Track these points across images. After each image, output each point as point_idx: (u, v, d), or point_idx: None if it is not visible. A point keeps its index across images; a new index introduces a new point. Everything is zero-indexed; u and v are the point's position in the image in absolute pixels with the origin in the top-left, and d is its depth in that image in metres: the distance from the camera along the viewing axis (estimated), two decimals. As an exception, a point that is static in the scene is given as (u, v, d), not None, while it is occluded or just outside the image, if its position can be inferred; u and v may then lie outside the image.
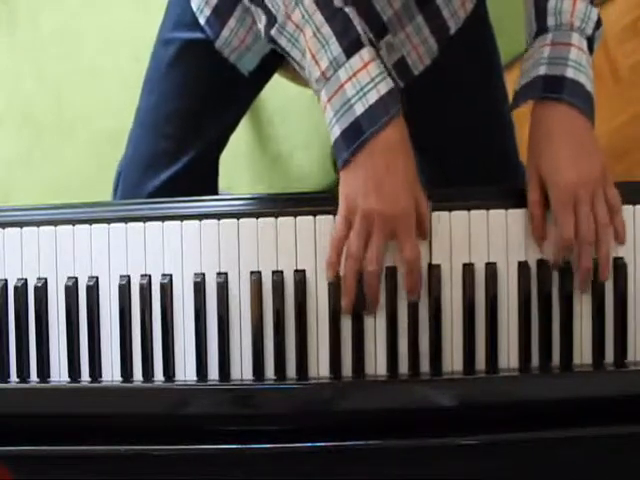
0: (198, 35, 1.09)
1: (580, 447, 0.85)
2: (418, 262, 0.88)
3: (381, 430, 0.85)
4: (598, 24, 0.94)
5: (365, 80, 0.86)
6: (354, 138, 0.87)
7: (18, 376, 0.93)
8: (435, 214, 0.92)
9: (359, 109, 0.86)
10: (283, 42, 0.91)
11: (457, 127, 1.12)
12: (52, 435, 0.85)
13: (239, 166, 1.75)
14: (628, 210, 0.92)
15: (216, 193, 1.17)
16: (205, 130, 1.11)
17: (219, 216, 0.93)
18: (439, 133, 1.14)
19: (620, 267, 0.91)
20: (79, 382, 0.92)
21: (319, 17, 0.88)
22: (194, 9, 1.09)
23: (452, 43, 1.09)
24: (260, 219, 0.92)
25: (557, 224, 0.89)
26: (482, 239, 0.92)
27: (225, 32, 1.07)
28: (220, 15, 1.07)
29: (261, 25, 0.92)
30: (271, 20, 0.91)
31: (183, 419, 0.88)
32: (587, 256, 0.89)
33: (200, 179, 1.12)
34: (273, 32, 0.91)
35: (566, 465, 0.85)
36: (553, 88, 0.91)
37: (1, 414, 0.88)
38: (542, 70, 0.91)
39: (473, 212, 0.92)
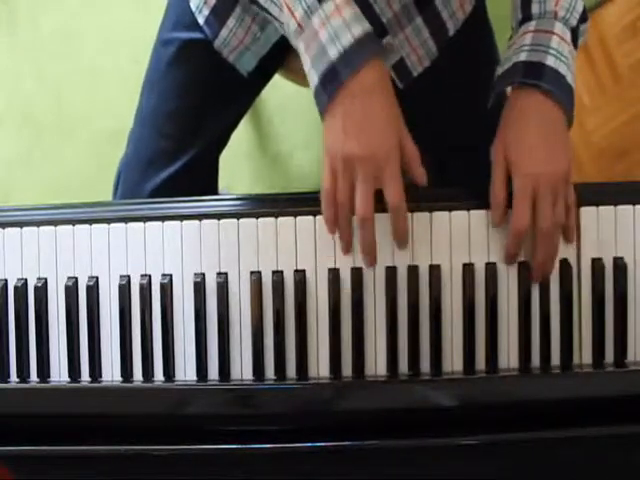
0: (197, 35, 1.09)
1: (580, 447, 0.85)
2: (402, 206, 0.87)
3: (381, 430, 0.85)
4: (583, 17, 0.94)
5: (338, 23, 0.86)
6: (331, 83, 0.86)
7: (18, 376, 0.93)
8: (435, 214, 0.92)
9: (333, 53, 0.86)
10: (261, 0, 0.91)
11: (456, 128, 1.12)
12: (52, 435, 0.85)
13: (239, 166, 1.75)
14: (628, 210, 0.92)
15: (216, 193, 1.17)
16: (205, 130, 1.11)
17: (219, 216, 0.93)
18: (438, 134, 1.14)
19: (620, 267, 0.91)
20: (79, 382, 0.92)
21: None
22: (193, 9, 1.09)
23: (451, 44, 1.09)
24: (260, 219, 0.92)
25: (513, 212, 0.89)
26: (482, 239, 0.92)
27: (224, 32, 1.07)
28: (219, 15, 1.07)
29: None
30: None
31: (183, 419, 0.88)
32: (543, 249, 0.89)
33: (200, 179, 1.12)
34: None
35: (566, 465, 0.85)
36: (532, 74, 0.90)
37: (1, 414, 0.88)
38: (523, 56, 0.91)
39: (473, 212, 0.92)
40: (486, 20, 1.15)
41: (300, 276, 0.91)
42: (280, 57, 1.12)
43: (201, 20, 1.09)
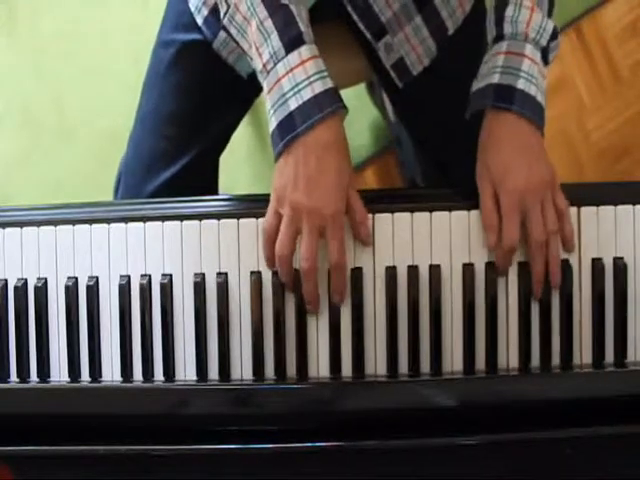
0: (196, 36, 1.09)
1: (580, 447, 0.85)
2: (343, 265, 0.89)
3: (381, 430, 0.85)
4: (554, 35, 0.96)
5: (301, 77, 0.88)
6: (287, 131, 0.88)
7: (18, 376, 0.93)
8: (435, 214, 0.92)
9: (293, 104, 0.88)
10: (234, 32, 0.94)
11: (456, 128, 1.12)
12: (52, 435, 0.85)
13: (239, 166, 1.74)
14: (628, 210, 0.92)
15: (216, 193, 1.17)
16: (205, 131, 1.11)
17: (219, 216, 0.93)
18: (438, 134, 1.14)
19: (620, 267, 0.91)
20: (79, 382, 0.92)
21: (263, 11, 0.90)
22: (192, 9, 1.09)
23: (451, 43, 1.09)
24: (260, 219, 0.92)
25: (503, 229, 0.90)
26: (481, 239, 0.92)
27: (223, 33, 1.07)
28: (218, 16, 1.07)
29: (222, 13, 0.95)
30: (225, 9, 0.94)
31: (183, 419, 0.88)
32: (540, 260, 0.90)
33: (200, 179, 1.12)
34: (225, 21, 0.94)
35: (566, 465, 0.85)
36: (504, 98, 0.92)
37: (1, 414, 0.88)
38: (495, 78, 0.93)
39: (473, 212, 0.92)
40: (485, 19, 1.15)
41: (300, 276, 0.91)
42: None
43: (200, 21, 1.08)
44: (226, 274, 0.92)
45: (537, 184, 0.90)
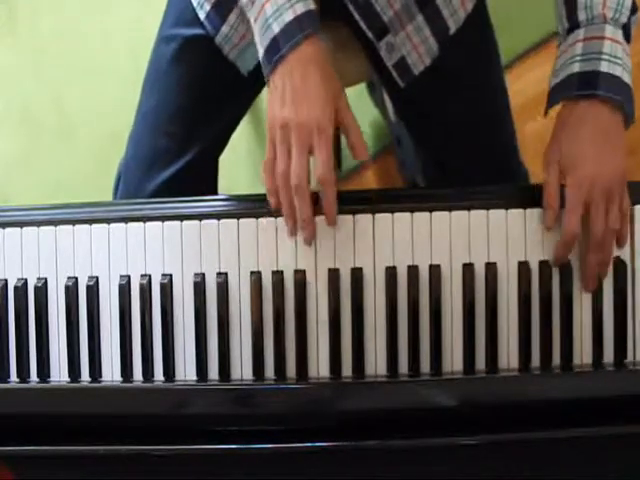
0: (199, 31, 1.09)
1: (580, 447, 0.85)
2: (329, 178, 0.88)
3: (381, 430, 0.85)
4: (634, 9, 0.93)
5: (282, 0, 0.90)
6: (273, 54, 0.90)
7: (18, 376, 0.93)
8: (435, 214, 0.92)
9: (276, 27, 0.90)
10: None
11: (457, 127, 1.12)
12: (52, 435, 0.85)
13: (239, 166, 1.74)
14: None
15: (216, 193, 1.17)
16: (205, 129, 1.11)
17: (219, 216, 0.93)
18: (439, 133, 1.14)
19: (620, 267, 0.91)
20: (79, 382, 0.92)
21: None
22: (194, 4, 1.09)
23: (452, 43, 1.09)
24: (260, 219, 0.92)
25: (565, 216, 0.89)
26: (482, 239, 0.92)
27: (225, 28, 1.07)
28: (220, 10, 1.07)
29: None
30: None
31: (183, 419, 0.88)
32: (595, 256, 0.89)
33: (200, 179, 1.12)
34: None
35: (566, 465, 0.85)
36: (587, 85, 0.90)
37: (1, 414, 0.88)
38: (576, 67, 0.91)
39: (473, 212, 0.92)
40: (487, 18, 1.15)
41: (300, 276, 0.91)
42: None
43: (202, 15, 1.08)
44: (226, 274, 0.92)
45: (606, 178, 0.88)
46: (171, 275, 0.92)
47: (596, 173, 0.88)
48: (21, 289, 0.93)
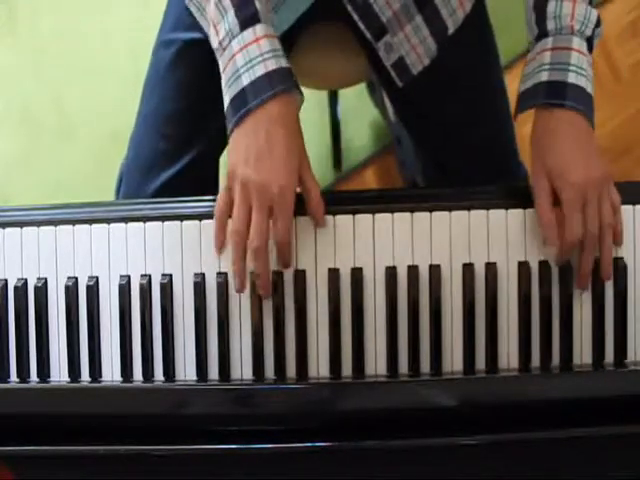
0: (197, 35, 1.09)
1: (580, 447, 0.85)
2: (286, 242, 0.88)
3: (381, 430, 0.85)
4: (597, 23, 0.95)
5: (255, 53, 0.89)
6: (239, 107, 0.89)
7: (18, 376, 0.93)
8: (435, 214, 0.92)
9: (245, 80, 0.89)
10: (194, 10, 0.96)
11: (456, 127, 1.12)
12: (52, 435, 0.85)
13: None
14: (628, 210, 0.92)
15: (216, 193, 1.17)
16: (205, 131, 1.11)
17: (219, 216, 0.93)
18: (438, 133, 1.14)
19: (620, 267, 0.91)
20: (79, 382, 0.92)
21: None
22: (193, 11, 1.09)
23: (451, 43, 1.09)
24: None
25: (567, 223, 0.89)
26: (482, 239, 0.92)
27: None
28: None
29: None
30: None
31: (183, 419, 0.88)
32: (592, 254, 0.90)
33: (200, 180, 1.12)
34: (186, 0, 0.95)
35: (566, 465, 0.85)
36: (556, 94, 0.91)
37: (1, 414, 0.88)
38: (544, 76, 0.92)
39: (473, 212, 0.92)
40: (486, 18, 1.15)
41: (300, 276, 0.91)
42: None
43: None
44: (226, 274, 0.92)
45: (597, 178, 0.90)
46: (171, 275, 0.92)
47: (586, 176, 0.89)
48: (21, 289, 0.93)
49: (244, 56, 0.89)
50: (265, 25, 0.90)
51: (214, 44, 0.92)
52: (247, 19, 0.90)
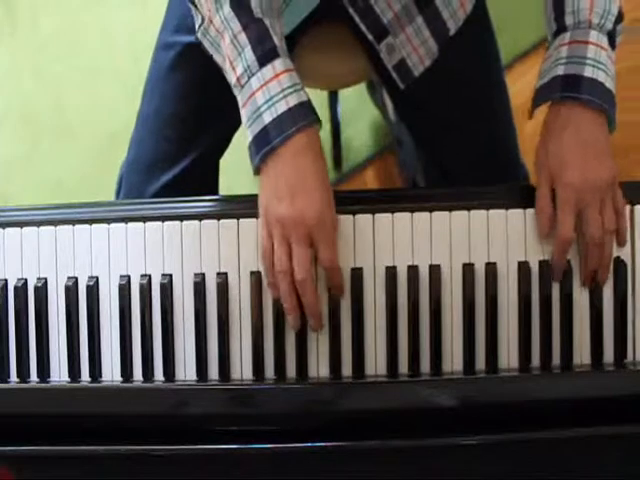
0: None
1: (580, 447, 0.85)
2: (335, 267, 0.88)
3: (381, 430, 0.85)
4: (619, 18, 0.94)
5: (275, 90, 0.88)
6: (262, 145, 0.88)
7: (18, 376, 0.93)
8: (435, 214, 0.92)
9: (267, 118, 0.88)
10: (207, 45, 0.93)
11: (458, 128, 1.12)
12: (52, 435, 0.85)
13: (239, 166, 1.74)
14: (627, 210, 0.92)
15: (216, 194, 1.17)
16: (206, 133, 1.11)
17: (219, 216, 0.93)
18: (439, 134, 1.14)
19: (620, 267, 0.91)
20: (79, 382, 0.92)
21: (237, 24, 0.89)
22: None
23: (452, 44, 1.09)
24: (260, 219, 0.92)
25: (558, 224, 0.89)
26: (482, 239, 0.92)
27: None
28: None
29: (196, 25, 0.94)
30: (200, 22, 0.93)
31: (183, 419, 0.88)
32: (593, 258, 0.90)
33: (201, 181, 1.12)
34: (199, 34, 0.93)
35: (566, 465, 0.85)
36: (571, 88, 0.90)
37: (1, 414, 0.88)
38: (560, 70, 0.91)
39: (473, 212, 0.92)
40: (487, 19, 1.15)
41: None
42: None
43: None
44: (226, 274, 0.92)
45: (594, 182, 0.89)
46: (171, 275, 0.92)
47: (582, 177, 0.89)
48: (21, 289, 0.93)
49: (264, 94, 0.88)
50: (283, 59, 0.89)
51: (231, 80, 0.91)
52: (265, 55, 0.88)
